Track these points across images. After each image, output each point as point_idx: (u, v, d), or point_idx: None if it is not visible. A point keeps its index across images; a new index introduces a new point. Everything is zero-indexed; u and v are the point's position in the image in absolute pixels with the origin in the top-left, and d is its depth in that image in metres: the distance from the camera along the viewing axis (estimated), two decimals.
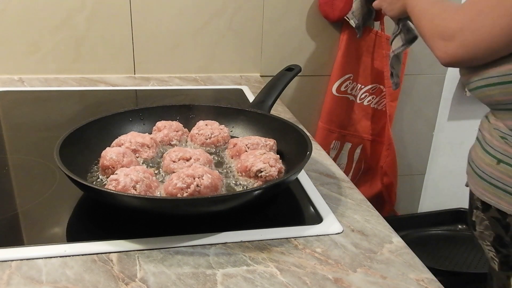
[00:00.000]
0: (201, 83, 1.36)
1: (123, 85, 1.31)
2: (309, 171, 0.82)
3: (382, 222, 0.69)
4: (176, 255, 0.59)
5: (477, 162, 0.77)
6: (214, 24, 1.38)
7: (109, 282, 0.54)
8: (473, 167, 0.79)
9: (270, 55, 1.46)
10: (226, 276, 0.55)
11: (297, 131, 0.80)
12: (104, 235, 0.62)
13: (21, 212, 0.67)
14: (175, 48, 1.38)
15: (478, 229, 0.80)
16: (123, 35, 1.33)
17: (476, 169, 0.77)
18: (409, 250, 0.62)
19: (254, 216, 0.68)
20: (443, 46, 0.72)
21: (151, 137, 0.80)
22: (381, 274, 0.57)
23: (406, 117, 1.66)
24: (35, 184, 0.75)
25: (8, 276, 0.54)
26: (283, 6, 1.41)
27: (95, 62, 1.35)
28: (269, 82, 0.98)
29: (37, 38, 1.29)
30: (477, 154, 0.78)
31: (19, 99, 1.17)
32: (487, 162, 0.75)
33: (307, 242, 0.62)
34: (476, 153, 0.78)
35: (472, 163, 0.79)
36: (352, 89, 1.55)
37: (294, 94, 1.51)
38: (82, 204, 0.69)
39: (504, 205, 0.73)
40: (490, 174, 0.74)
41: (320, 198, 0.73)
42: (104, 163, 0.71)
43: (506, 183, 0.72)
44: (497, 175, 0.73)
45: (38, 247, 0.59)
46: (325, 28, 1.48)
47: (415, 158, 1.74)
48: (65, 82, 1.30)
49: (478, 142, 0.79)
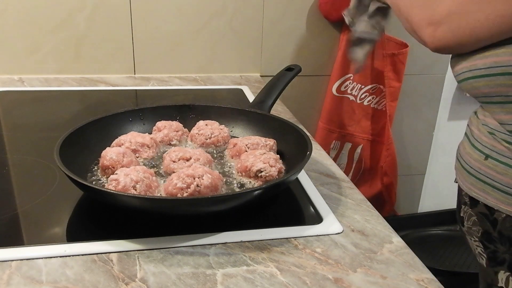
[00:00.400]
0: (201, 83, 1.36)
1: (123, 85, 1.31)
2: (309, 171, 0.82)
3: (382, 222, 0.69)
4: (176, 255, 0.59)
5: (465, 157, 0.78)
6: (214, 24, 1.38)
7: (109, 282, 0.54)
8: (461, 162, 0.79)
9: (270, 55, 1.46)
10: (226, 276, 0.56)
11: (297, 131, 0.80)
12: (104, 235, 0.62)
13: (21, 212, 0.67)
14: (175, 48, 1.39)
15: (466, 225, 0.81)
16: (123, 35, 1.33)
17: (465, 164, 0.78)
18: (409, 250, 0.62)
19: (254, 216, 0.68)
20: (431, 31, 0.72)
21: (151, 137, 0.80)
22: (381, 274, 0.57)
23: (406, 117, 1.66)
24: (35, 184, 0.75)
25: (8, 276, 0.54)
26: (283, 6, 1.41)
27: (95, 62, 1.35)
28: (269, 82, 0.98)
29: (37, 38, 1.29)
30: (465, 150, 0.78)
31: (19, 99, 1.17)
32: (475, 158, 0.75)
33: (307, 242, 0.62)
34: (464, 149, 0.79)
35: (461, 159, 0.80)
36: (352, 89, 1.55)
37: (294, 94, 1.51)
38: (82, 204, 0.69)
39: (492, 200, 0.73)
40: (478, 169, 0.75)
41: (320, 198, 0.73)
42: (104, 163, 0.71)
43: (494, 179, 0.72)
44: (485, 171, 0.73)
45: (38, 247, 0.59)
46: (325, 28, 1.48)
47: (415, 158, 1.74)
48: (65, 82, 1.30)
49: (466, 137, 0.79)
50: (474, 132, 0.77)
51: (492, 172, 0.73)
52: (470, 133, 0.78)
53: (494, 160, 0.72)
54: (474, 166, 0.76)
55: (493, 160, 0.72)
